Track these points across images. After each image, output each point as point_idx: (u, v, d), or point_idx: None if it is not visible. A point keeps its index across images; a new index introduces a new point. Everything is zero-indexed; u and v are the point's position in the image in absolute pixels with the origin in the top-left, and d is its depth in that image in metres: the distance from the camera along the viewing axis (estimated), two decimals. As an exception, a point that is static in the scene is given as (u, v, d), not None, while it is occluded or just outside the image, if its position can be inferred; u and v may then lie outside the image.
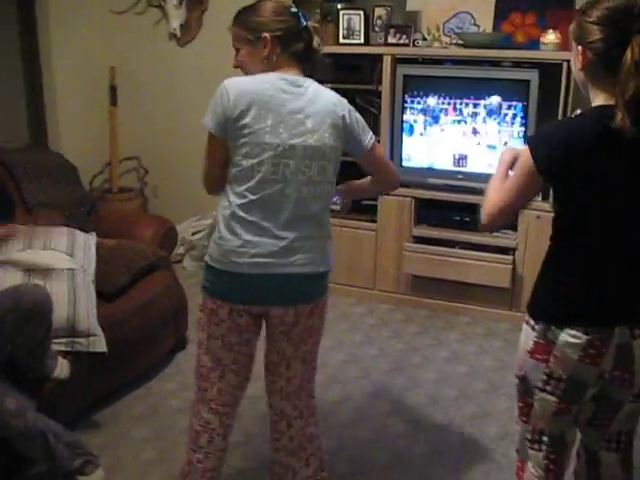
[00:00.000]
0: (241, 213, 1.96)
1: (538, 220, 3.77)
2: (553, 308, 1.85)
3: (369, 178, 2.26)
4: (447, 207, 4.04)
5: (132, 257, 3.12)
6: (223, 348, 2.08)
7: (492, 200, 1.88)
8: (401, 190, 3.98)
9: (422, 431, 2.90)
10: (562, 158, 1.69)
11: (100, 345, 2.74)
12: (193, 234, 4.63)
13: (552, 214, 1.87)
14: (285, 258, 1.97)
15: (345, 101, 2.06)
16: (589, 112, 1.74)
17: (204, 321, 2.09)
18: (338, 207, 2.38)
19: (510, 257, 3.87)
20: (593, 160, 1.70)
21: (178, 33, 4.84)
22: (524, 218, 3.81)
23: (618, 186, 1.72)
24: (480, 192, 3.79)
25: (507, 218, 1.92)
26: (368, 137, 2.10)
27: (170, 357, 3.43)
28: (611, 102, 1.66)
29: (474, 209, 3.97)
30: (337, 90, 2.10)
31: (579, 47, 1.72)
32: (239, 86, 1.96)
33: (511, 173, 1.86)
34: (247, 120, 1.93)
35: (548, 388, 1.88)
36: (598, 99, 1.73)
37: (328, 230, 2.09)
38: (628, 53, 1.59)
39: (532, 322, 1.86)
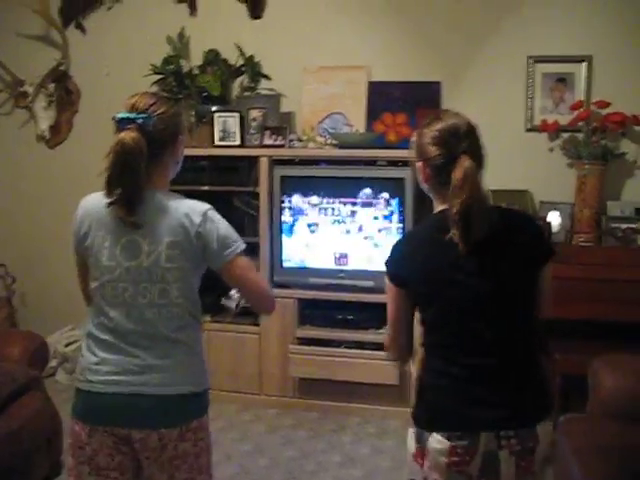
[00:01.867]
0: (95, 332, 1.89)
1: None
2: (420, 412, 1.88)
3: None
4: (330, 306, 4.01)
5: (0, 380, 2.85)
6: (92, 474, 1.89)
7: (388, 335, 2.01)
8: (283, 291, 3.95)
9: None
10: (406, 269, 1.85)
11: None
12: (67, 345, 4.35)
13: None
14: (140, 376, 1.85)
15: (201, 211, 1.85)
16: (429, 219, 1.93)
17: (71, 445, 1.92)
18: (233, 304, 2.30)
19: (396, 353, 3.86)
20: (431, 265, 1.81)
21: (47, 135, 4.67)
22: (407, 313, 3.83)
23: (462, 289, 1.78)
24: (362, 290, 3.88)
25: (406, 343, 1.97)
26: (222, 256, 1.87)
27: (44, 487, 3.12)
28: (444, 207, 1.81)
29: (357, 307, 3.98)
30: (214, 193, 2.01)
31: (419, 163, 1.88)
32: (86, 205, 1.95)
33: None
34: (88, 242, 1.89)
35: None
36: (438, 206, 1.88)
37: (191, 348, 1.92)
38: (455, 172, 1.74)
39: (412, 425, 1.89)
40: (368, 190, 3.86)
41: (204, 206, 1.89)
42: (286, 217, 3.98)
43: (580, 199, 3.90)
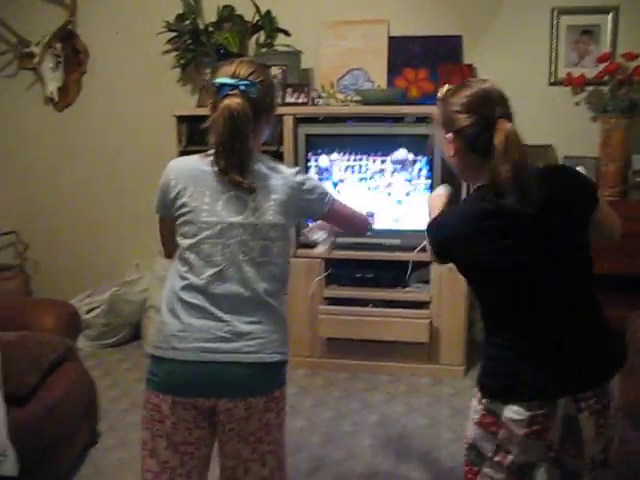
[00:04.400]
0: (182, 295, 1.84)
1: (450, 272, 3.77)
2: (493, 384, 1.82)
3: None
4: (356, 266, 3.98)
5: (39, 352, 2.77)
6: (169, 448, 1.85)
7: None
8: (309, 251, 3.89)
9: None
10: (452, 246, 1.75)
11: (9, 468, 2.30)
12: (88, 312, 4.28)
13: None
14: (230, 344, 1.80)
15: (296, 173, 1.92)
16: (473, 197, 1.78)
17: (147, 418, 1.88)
18: (326, 246, 2.33)
19: (426, 311, 3.85)
20: (484, 239, 1.70)
21: (55, 97, 4.54)
22: (436, 271, 3.81)
23: (522, 258, 1.71)
24: (389, 248, 3.85)
25: None
26: (324, 204, 1.98)
27: (83, 455, 3.08)
28: (481, 180, 1.72)
29: (383, 266, 3.94)
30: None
31: (448, 135, 1.75)
32: (178, 165, 1.91)
33: None
34: (185, 199, 1.85)
35: (496, 459, 1.82)
36: (477, 181, 1.76)
37: (280, 316, 1.91)
38: (496, 138, 1.64)
39: (479, 395, 1.84)
40: (396, 147, 3.79)
41: (296, 168, 1.98)
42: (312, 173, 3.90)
43: (605, 153, 3.88)
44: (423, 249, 2.20)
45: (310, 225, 2.38)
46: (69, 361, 3.01)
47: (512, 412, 1.74)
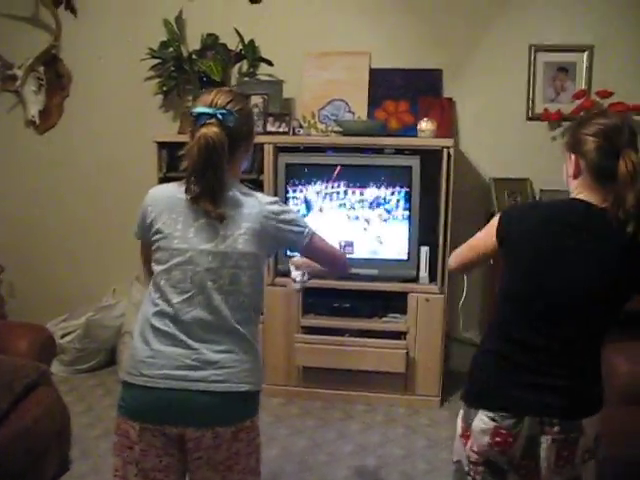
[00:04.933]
0: (153, 321, 1.85)
1: (427, 303, 3.81)
2: (470, 389, 1.92)
3: None
4: (334, 295, 3.98)
5: (13, 376, 2.75)
6: (138, 476, 1.84)
7: (457, 253, 2.09)
8: (287, 280, 3.90)
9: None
10: (519, 231, 1.83)
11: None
12: (62, 336, 4.24)
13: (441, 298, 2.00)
14: (198, 372, 1.80)
15: (272, 202, 1.93)
16: (565, 200, 1.87)
17: (117, 445, 1.87)
18: (298, 285, 2.33)
19: (403, 342, 3.86)
20: (549, 244, 1.78)
21: (37, 120, 4.54)
22: (413, 301, 3.83)
23: (568, 279, 1.77)
24: (366, 278, 3.86)
25: (465, 269, 2.12)
26: (302, 235, 1.96)
27: (54, 483, 3.05)
28: (593, 199, 1.78)
29: (361, 296, 3.96)
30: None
31: (572, 156, 1.85)
32: (156, 193, 1.94)
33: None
34: (158, 225, 1.87)
35: (471, 473, 1.87)
36: (578, 195, 1.84)
37: (251, 344, 1.90)
38: (622, 164, 1.72)
39: (461, 404, 1.93)
40: (375, 178, 3.83)
41: (274, 198, 1.98)
42: (291, 206, 3.92)
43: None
44: None
45: (293, 259, 2.36)
46: (42, 386, 2.97)
47: (479, 421, 1.82)
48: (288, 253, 2.38)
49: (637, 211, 1.71)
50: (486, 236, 1.93)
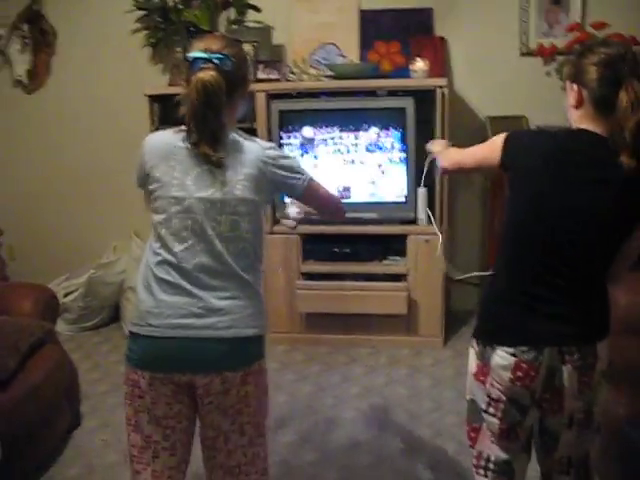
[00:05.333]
0: (156, 271, 1.84)
1: (426, 244, 3.81)
2: (485, 327, 1.92)
3: None
4: (333, 240, 3.99)
5: (18, 336, 2.77)
6: (151, 423, 1.87)
7: (452, 156, 2.14)
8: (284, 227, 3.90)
9: (355, 476, 2.80)
10: (525, 158, 1.81)
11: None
12: (65, 295, 4.26)
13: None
14: (203, 320, 1.81)
15: (270, 147, 1.93)
16: (571, 130, 1.84)
17: (128, 394, 1.89)
18: (293, 222, 2.34)
19: (403, 284, 3.88)
20: (554, 174, 1.77)
21: (25, 80, 4.48)
22: (412, 243, 3.84)
23: (574, 208, 1.76)
24: (365, 222, 3.86)
25: (459, 171, 2.27)
26: (300, 181, 1.95)
27: (67, 437, 3.08)
28: (597, 130, 1.76)
29: (360, 240, 3.96)
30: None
31: (574, 85, 1.82)
32: (152, 141, 1.91)
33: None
34: (156, 174, 1.85)
35: (491, 410, 1.90)
36: (581, 125, 1.81)
37: (255, 290, 1.91)
38: (623, 94, 1.70)
39: (474, 343, 1.93)
40: (369, 120, 3.79)
41: (271, 143, 1.98)
42: (286, 151, 3.89)
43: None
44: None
45: (288, 201, 2.35)
46: (48, 344, 3.00)
47: (499, 357, 1.82)
48: (285, 200, 2.35)
49: (635, 140, 1.69)
50: (490, 152, 1.90)
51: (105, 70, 4.48)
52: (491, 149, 1.90)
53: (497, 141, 1.88)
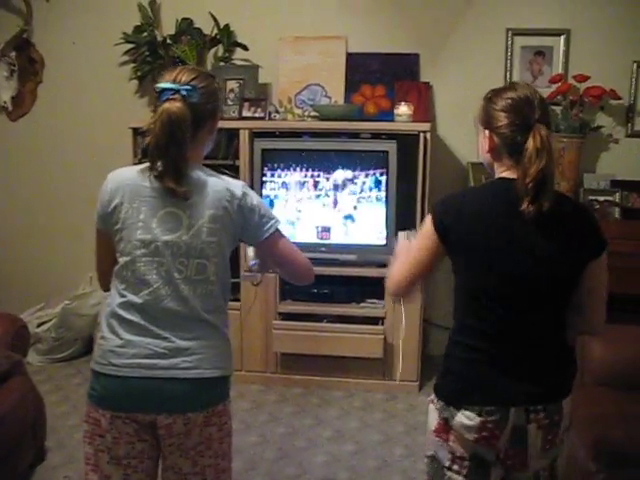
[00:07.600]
0: (120, 312, 1.81)
1: (405, 288, 3.79)
2: (448, 386, 1.86)
3: None
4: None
5: (-16, 366, 2.73)
6: (111, 463, 1.82)
7: (397, 271, 1.90)
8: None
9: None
10: (455, 222, 1.76)
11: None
12: (39, 325, 4.20)
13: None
14: (168, 360, 1.78)
15: (239, 186, 1.86)
16: (491, 182, 1.84)
17: (89, 433, 1.84)
18: (258, 278, 2.30)
19: (380, 327, 3.86)
20: (487, 227, 1.75)
21: (9, 106, 4.47)
22: (391, 286, 3.82)
23: (515, 259, 1.74)
24: (344, 264, 3.85)
25: (413, 287, 1.93)
26: (264, 229, 1.87)
27: (29, 473, 3.01)
28: (513, 176, 1.74)
29: (338, 281, 3.94)
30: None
31: (486, 131, 1.81)
32: (117, 178, 1.87)
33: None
34: (120, 215, 1.81)
35: (455, 467, 1.85)
36: (502, 174, 1.81)
37: (221, 332, 1.88)
38: (530, 140, 1.68)
39: (434, 399, 1.87)
40: (351, 163, 3.81)
41: (240, 181, 1.91)
42: (267, 191, 3.89)
43: (557, 172, 3.94)
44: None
45: (249, 250, 2.18)
46: (16, 376, 2.94)
47: (464, 417, 1.78)
48: (247, 249, 2.19)
49: (536, 187, 1.66)
50: (425, 241, 1.82)
51: (91, 101, 4.47)
52: (424, 236, 1.83)
53: (426, 222, 1.83)
